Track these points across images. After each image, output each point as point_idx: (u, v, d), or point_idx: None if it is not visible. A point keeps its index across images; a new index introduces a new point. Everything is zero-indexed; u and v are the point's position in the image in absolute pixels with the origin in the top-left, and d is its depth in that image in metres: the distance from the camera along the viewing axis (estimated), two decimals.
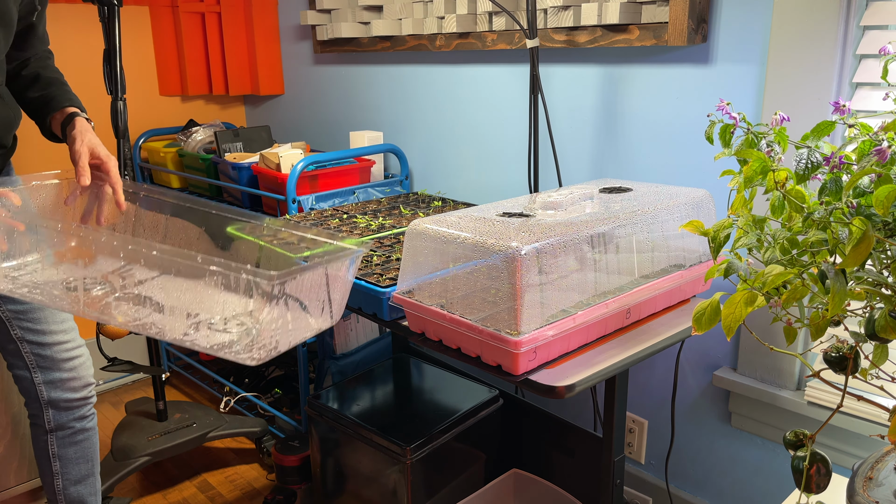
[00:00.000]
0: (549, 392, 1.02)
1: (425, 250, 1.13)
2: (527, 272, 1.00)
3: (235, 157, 2.10)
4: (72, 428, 1.43)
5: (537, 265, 1.01)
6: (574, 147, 1.68)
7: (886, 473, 0.80)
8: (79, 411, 1.43)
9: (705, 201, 1.28)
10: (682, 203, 1.24)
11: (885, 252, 0.66)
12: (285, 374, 2.43)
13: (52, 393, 1.39)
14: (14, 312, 1.34)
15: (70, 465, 1.46)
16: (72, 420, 1.43)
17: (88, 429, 1.46)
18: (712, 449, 1.57)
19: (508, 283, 1.00)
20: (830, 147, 0.69)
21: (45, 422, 1.41)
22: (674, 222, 1.22)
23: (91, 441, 1.48)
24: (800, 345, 1.37)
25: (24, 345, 1.36)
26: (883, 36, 1.19)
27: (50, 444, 1.43)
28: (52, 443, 1.43)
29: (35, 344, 1.36)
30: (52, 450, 1.43)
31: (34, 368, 1.37)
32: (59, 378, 1.39)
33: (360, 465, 1.58)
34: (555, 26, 1.59)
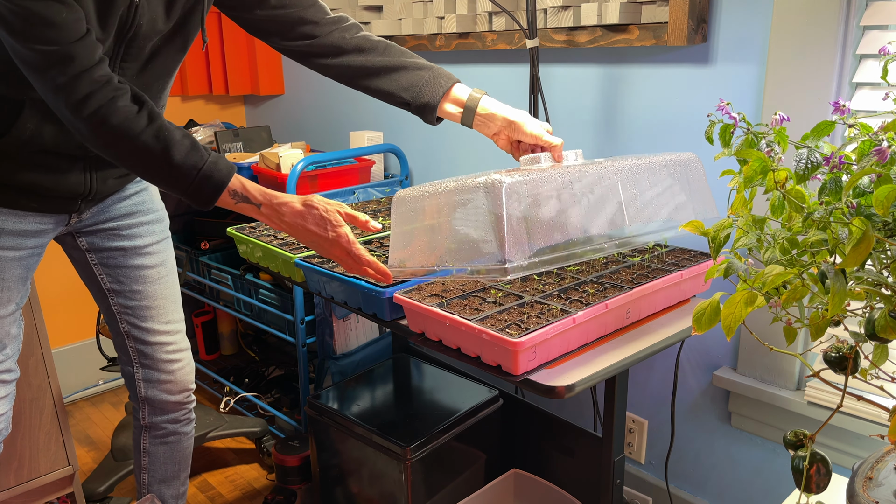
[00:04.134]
0: (549, 392, 1.02)
1: (410, 213, 1.12)
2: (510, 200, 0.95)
3: (235, 158, 2.10)
4: (164, 429, 1.45)
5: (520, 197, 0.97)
6: (574, 147, 1.68)
7: (886, 473, 0.80)
8: (173, 414, 1.45)
9: (693, 162, 1.23)
10: (669, 160, 1.20)
11: (885, 252, 0.66)
12: (285, 374, 2.43)
13: (149, 391, 1.41)
14: (123, 307, 1.36)
15: (157, 464, 1.48)
16: (165, 421, 1.44)
17: (181, 433, 1.48)
18: (712, 449, 1.57)
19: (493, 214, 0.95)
20: (830, 147, 0.69)
21: (141, 417, 1.44)
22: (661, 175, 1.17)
23: (182, 445, 1.49)
24: (800, 345, 1.37)
25: (130, 340, 1.38)
26: (883, 36, 1.19)
27: (143, 440, 1.46)
28: (144, 438, 1.46)
29: (139, 340, 1.38)
30: (143, 445, 1.46)
31: (136, 365, 1.40)
32: (158, 378, 1.41)
33: (360, 465, 1.58)
34: (555, 26, 1.59)
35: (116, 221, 1.33)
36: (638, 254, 1.38)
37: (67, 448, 1.72)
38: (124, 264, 1.35)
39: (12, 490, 1.65)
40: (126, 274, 1.36)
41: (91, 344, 2.47)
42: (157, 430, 1.45)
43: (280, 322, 2.03)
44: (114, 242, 1.34)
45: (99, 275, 1.36)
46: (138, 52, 1.12)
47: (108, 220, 1.33)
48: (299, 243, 1.51)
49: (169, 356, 1.41)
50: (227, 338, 2.69)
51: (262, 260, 1.57)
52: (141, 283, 1.37)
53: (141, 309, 1.38)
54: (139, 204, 1.37)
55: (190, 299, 2.72)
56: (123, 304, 1.37)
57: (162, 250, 1.40)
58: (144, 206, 1.37)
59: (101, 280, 1.36)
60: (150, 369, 1.40)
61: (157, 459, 1.48)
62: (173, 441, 1.48)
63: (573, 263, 1.25)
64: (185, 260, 2.38)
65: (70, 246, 1.36)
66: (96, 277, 1.37)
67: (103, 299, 1.39)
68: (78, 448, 2.21)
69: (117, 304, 1.37)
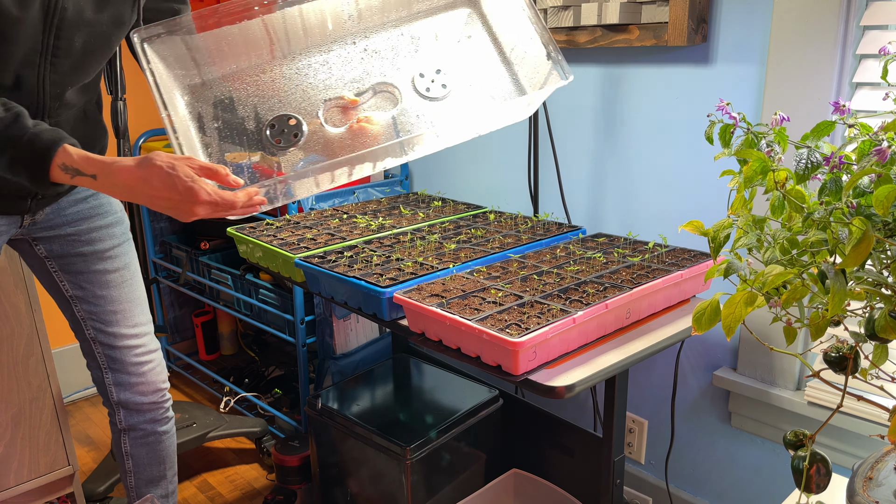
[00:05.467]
0: (549, 392, 1.02)
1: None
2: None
3: (235, 157, 2.10)
4: (143, 430, 1.43)
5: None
6: (574, 147, 1.68)
7: (886, 473, 0.80)
8: (149, 414, 1.43)
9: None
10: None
11: (885, 252, 0.66)
12: (285, 374, 2.44)
13: (121, 395, 1.39)
14: (89, 313, 1.35)
15: (142, 466, 1.46)
16: (143, 422, 1.43)
17: (160, 432, 1.46)
18: (712, 449, 1.57)
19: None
20: (830, 147, 0.69)
21: (118, 421, 1.42)
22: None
23: (164, 444, 1.47)
24: (800, 345, 1.37)
25: (97, 345, 1.36)
26: (883, 36, 1.19)
27: (123, 443, 1.44)
28: (124, 441, 1.44)
29: (106, 346, 1.36)
30: (125, 448, 1.45)
31: (105, 369, 1.38)
32: (129, 381, 1.39)
33: (360, 465, 1.58)
34: (555, 26, 1.59)
35: (74, 227, 1.30)
36: (638, 254, 1.38)
37: (67, 448, 1.72)
38: (86, 270, 1.33)
39: (12, 490, 1.65)
40: (89, 279, 1.33)
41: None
42: (136, 431, 1.43)
43: (280, 322, 2.03)
44: (73, 248, 1.31)
45: (60, 282, 1.33)
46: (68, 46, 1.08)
47: (65, 226, 1.29)
48: (300, 243, 1.51)
49: (138, 359, 1.39)
50: (227, 338, 2.69)
51: (262, 260, 1.57)
52: (105, 288, 1.34)
53: (107, 314, 1.35)
54: (97, 207, 1.33)
55: (190, 299, 2.72)
56: (88, 310, 1.35)
57: (124, 253, 1.37)
58: (102, 210, 1.34)
59: (63, 287, 1.34)
60: (120, 373, 1.38)
61: (140, 461, 1.46)
62: (154, 441, 1.45)
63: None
64: (185, 260, 2.38)
65: (28, 254, 1.33)
66: (58, 285, 1.34)
67: (67, 306, 1.36)
68: (78, 448, 2.21)
69: (82, 311, 1.35)
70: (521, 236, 1.52)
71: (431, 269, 1.32)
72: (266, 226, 1.65)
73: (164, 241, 2.54)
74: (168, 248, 2.52)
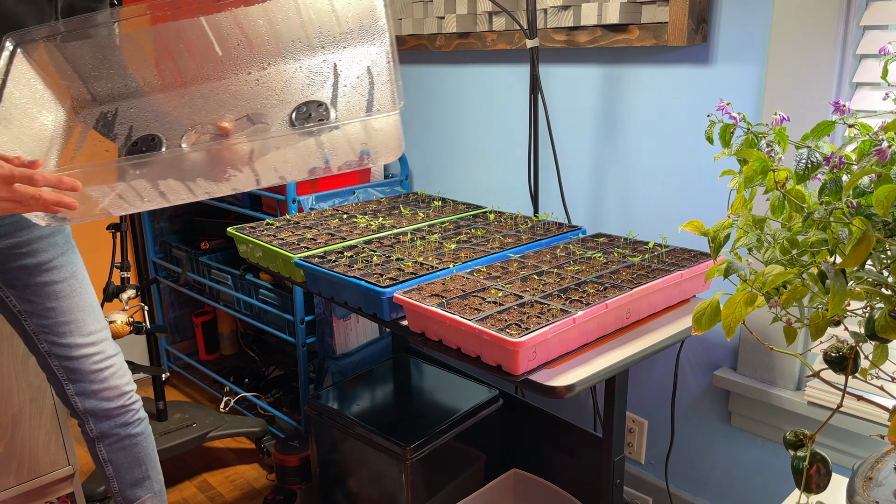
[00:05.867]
0: (549, 392, 1.02)
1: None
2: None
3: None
4: (116, 435, 1.41)
5: None
6: (574, 147, 1.68)
7: (886, 473, 0.80)
8: (120, 419, 1.40)
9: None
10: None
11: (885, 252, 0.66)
12: (285, 374, 2.44)
13: (86, 403, 1.36)
14: (40, 326, 1.31)
15: (122, 470, 1.44)
16: (115, 427, 1.40)
17: (135, 434, 1.43)
18: (712, 449, 1.57)
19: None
20: (830, 147, 0.69)
21: (89, 430, 1.39)
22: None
23: (141, 446, 1.44)
24: (800, 345, 1.37)
25: (53, 358, 1.33)
26: (883, 36, 1.19)
27: (99, 451, 1.41)
28: (100, 449, 1.41)
29: (63, 357, 1.33)
30: (101, 455, 1.42)
31: (65, 381, 1.35)
32: (91, 389, 1.36)
33: (360, 465, 1.58)
34: (555, 26, 1.59)
35: (13, 239, 1.26)
36: (638, 254, 1.38)
37: (67, 448, 1.72)
38: (31, 283, 1.29)
39: (12, 490, 1.65)
40: (35, 292, 1.29)
41: None
42: (109, 437, 1.40)
43: (280, 322, 2.03)
44: (14, 262, 1.27)
45: (6, 298, 1.30)
46: None
47: (2, 239, 1.25)
48: (300, 243, 1.51)
49: (98, 366, 1.35)
50: (227, 338, 2.69)
51: (262, 260, 1.57)
52: (53, 300, 1.31)
53: (58, 325, 1.31)
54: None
55: (190, 299, 2.72)
56: (39, 324, 1.31)
57: (69, 262, 1.33)
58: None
59: (10, 303, 1.30)
60: (80, 382, 1.35)
61: (120, 466, 1.43)
62: (129, 445, 1.42)
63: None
64: (185, 260, 2.38)
65: None
66: (3, 301, 1.30)
67: (16, 322, 1.32)
68: (78, 448, 2.21)
69: (33, 325, 1.31)
70: (521, 236, 1.52)
71: (431, 269, 1.32)
72: (266, 226, 1.65)
73: (164, 241, 2.55)
74: (168, 248, 2.52)
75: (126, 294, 1.76)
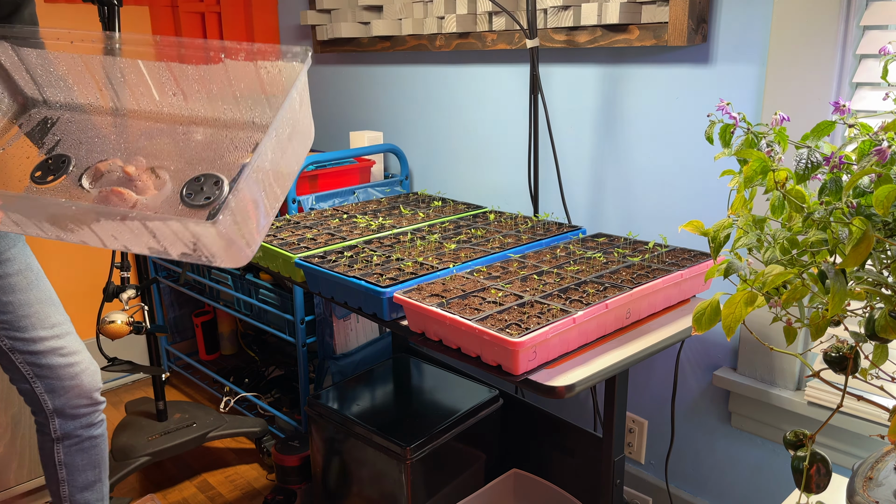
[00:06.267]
0: (549, 392, 1.02)
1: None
2: None
3: None
4: (79, 436, 1.39)
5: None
6: (574, 147, 1.68)
7: (886, 473, 0.80)
8: (87, 419, 1.38)
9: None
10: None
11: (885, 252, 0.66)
12: (285, 374, 2.44)
13: (56, 402, 1.34)
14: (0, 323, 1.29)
15: (77, 473, 1.41)
16: (79, 428, 1.38)
17: (96, 436, 1.41)
18: (712, 449, 1.57)
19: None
20: (830, 147, 0.69)
21: (52, 431, 1.37)
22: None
23: (99, 448, 1.43)
24: (800, 345, 1.37)
25: (17, 355, 1.31)
26: (883, 36, 1.19)
27: (56, 452, 1.39)
28: (58, 451, 1.39)
29: (27, 353, 1.31)
30: (58, 457, 1.39)
31: (32, 379, 1.33)
32: (62, 386, 1.33)
33: (361, 465, 1.58)
34: (555, 26, 1.59)
35: None
36: (638, 254, 1.38)
37: None
38: None
39: (12, 490, 1.65)
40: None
41: (91, 344, 2.47)
42: (71, 438, 1.38)
43: (280, 322, 2.03)
44: None
45: None
46: None
47: None
48: (300, 243, 1.51)
49: (66, 360, 1.33)
50: (227, 338, 2.69)
51: (262, 260, 1.57)
52: (9, 294, 1.28)
53: (18, 320, 1.29)
54: None
55: (190, 299, 2.72)
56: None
57: (21, 254, 1.31)
58: None
59: None
60: (49, 379, 1.32)
61: (76, 469, 1.41)
62: (89, 447, 1.40)
63: None
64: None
65: None
66: None
67: None
68: None
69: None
70: (521, 236, 1.52)
71: (431, 269, 1.32)
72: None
73: None
74: None
75: (126, 294, 1.75)
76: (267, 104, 1.00)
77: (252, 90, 1.01)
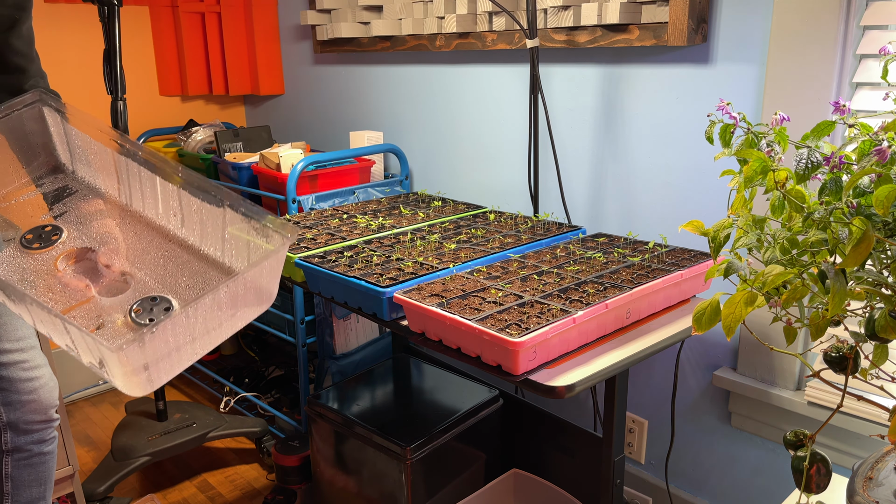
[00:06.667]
0: (549, 392, 1.02)
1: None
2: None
3: (235, 157, 2.10)
4: (29, 451, 1.36)
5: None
6: (574, 147, 1.68)
7: (886, 473, 0.80)
8: (39, 434, 1.36)
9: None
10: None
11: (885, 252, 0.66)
12: (285, 374, 2.44)
13: (11, 415, 1.32)
14: None
15: (22, 488, 1.39)
16: (30, 443, 1.36)
17: (46, 452, 1.39)
18: (712, 449, 1.57)
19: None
20: (830, 147, 0.69)
21: (3, 443, 1.34)
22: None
23: (47, 465, 1.41)
24: (800, 345, 1.37)
25: None
26: (883, 36, 1.19)
27: (4, 465, 1.36)
28: (6, 464, 1.36)
29: None
30: (5, 470, 1.36)
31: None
32: (19, 400, 1.31)
33: (360, 465, 1.58)
34: (555, 26, 1.59)
35: None
36: (638, 254, 1.38)
37: (67, 448, 1.72)
38: None
39: None
40: None
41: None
42: (21, 452, 1.35)
43: (280, 322, 2.03)
44: None
45: None
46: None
47: None
48: (300, 243, 1.51)
49: (27, 374, 1.31)
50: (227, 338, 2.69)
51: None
52: None
53: None
54: None
55: None
56: None
57: None
58: None
59: None
60: (8, 392, 1.30)
61: (21, 483, 1.38)
62: (38, 462, 1.38)
63: None
64: None
65: None
66: None
67: None
68: (78, 448, 2.21)
69: None
70: (521, 236, 1.52)
71: (431, 269, 1.32)
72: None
73: None
74: None
75: None
76: (247, 258, 1.03)
77: (238, 242, 1.06)
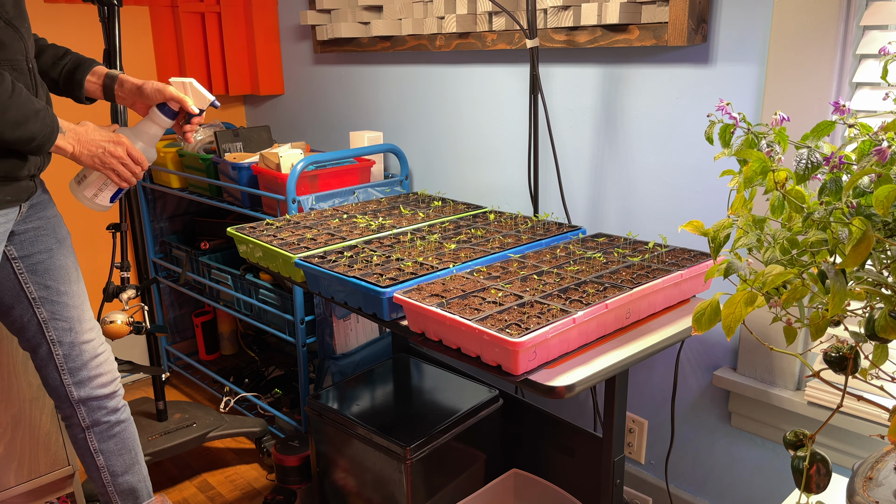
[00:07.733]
0: (549, 392, 1.02)
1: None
2: None
3: (235, 157, 2.10)
4: (107, 422, 1.45)
5: None
6: (574, 147, 1.68)
7: (886, 473, 0.80)
8: (110, 404, 1.45)
9: None
10: None
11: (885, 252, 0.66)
12: (285, 374, 2.44)
13: (81, 392, 1.40)
14: (52, 314, 1.34)
15: (113, 458, 1.48)
16: (105, 414, 1.44)
17: (123, 420, 1.48)
18: (712, 449, 1.57)
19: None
20: (830, 147, 0.69)
21: (80, 420, 1.43)
22: None
23: (129, 431, 1.49)
24: (800, 345, 1.37)
25: (57, 347, 1.36)
26: (883, 36, 1.19)
27: (90, 441, 1.45)
28: (91, 439, 1.45)
29: (66, 345, 1.37)
30: (92, 446, 1.45)
31: (63, 370, 1.38)
32: (87, 376, 1.40)
33: (360, 465, 1.58)
34: (555, 26, 1.59)
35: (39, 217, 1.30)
36: (638, 254, 1.38)
37: (67, 448, 1.72)
38: (52, 266, 1.32)
39: (12, 490, 1.65)
40: (54, 276, 1.32)
41: None
42: (100, 425, 1.44)
43: (280, 322, 2.03)
44: (41, 243, 1.31)
45: (25, 284, 1.31)
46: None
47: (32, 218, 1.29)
48: (300, 243, 1.51)
49: (96, 351, 1.40)
50: (227, 338, 2.69)
51: (262, 260, 1.57)
52: (67, 283, 1.34)
53: (68, 310, 1.35)
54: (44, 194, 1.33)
55: (190, 299, 2.72)
56: (52, 311, 1.33)
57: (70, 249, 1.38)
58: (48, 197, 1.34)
59: (28, 290, 1.32)
60: (78, 371, 1.38)
61: (111, 454, 1.47)
62: (120, 430, 1.47)
63: None
64: (185, 260, 2.38)
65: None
66: (22, 288, 1.32)
67: (26, 311, 1.33)
68: None
69: (45, 313, 1.33)
70: (521, 236, 1.52)
71: (431, 269, 1.32)
72: (266, 226, 1.65)
73: (164, 241, 2.55)
74: (168, 248, 2.52)
75: (126, 294, 1.75)
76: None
77: None
